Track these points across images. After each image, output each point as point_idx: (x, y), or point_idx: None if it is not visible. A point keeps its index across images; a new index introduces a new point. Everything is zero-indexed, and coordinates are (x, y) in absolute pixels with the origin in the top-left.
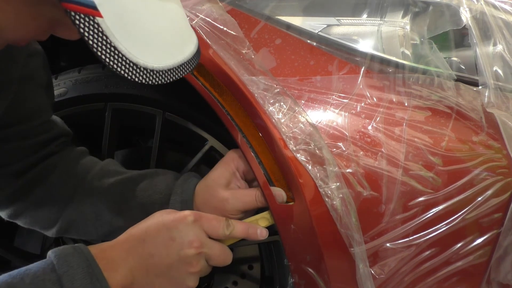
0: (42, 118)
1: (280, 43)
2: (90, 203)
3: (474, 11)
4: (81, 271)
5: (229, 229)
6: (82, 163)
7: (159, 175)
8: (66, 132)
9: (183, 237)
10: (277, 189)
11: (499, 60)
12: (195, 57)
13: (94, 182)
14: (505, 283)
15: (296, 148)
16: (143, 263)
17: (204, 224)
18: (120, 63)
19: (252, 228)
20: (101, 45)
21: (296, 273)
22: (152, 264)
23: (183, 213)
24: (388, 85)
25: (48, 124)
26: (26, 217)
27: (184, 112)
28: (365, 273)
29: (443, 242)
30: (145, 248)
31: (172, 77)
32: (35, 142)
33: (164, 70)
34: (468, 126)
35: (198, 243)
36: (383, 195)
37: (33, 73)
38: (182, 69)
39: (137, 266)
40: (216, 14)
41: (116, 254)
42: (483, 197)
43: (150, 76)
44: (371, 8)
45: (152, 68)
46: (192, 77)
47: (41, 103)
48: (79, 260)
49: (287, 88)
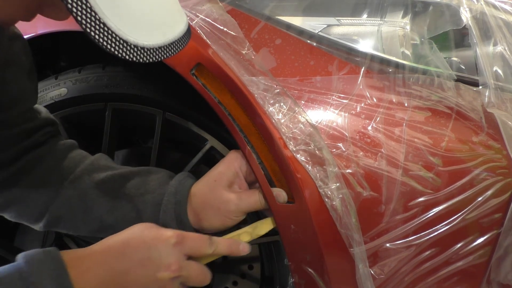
0: (26, 105)
1: (280, 43)
2: (79, 197)
3: (474, 11)
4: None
5: (212, 247)
6: (71, 156)
7: (151, 174)
8: (51, 121)
9: (162, 259)
10: (277, 190)
11: (499, 60)
12: (186, 37)
13: (83, 177)
14: (505, 283)
15: (296, 149)
16: (117, 279)
17: (188, 244)
18: (110, 40)
19: (234, 244)
20: (90, 21)
21: (296, 273)
22: (125, 281)
23: (165, 233)
24: (388, 86)
25: (32, 113)
26: (11, 211)
27: (184, 112)
28: (365, 273)
29: (443, 242)
30: (121, 264)
31: (162, 56)
32: (20, 130)
33: (155, 48)
34: (468, 126)
35: (176, 266)
36: (383, 196)
37: (15, 58)
38: (173, 47)
39: (110, 281)
40: (216, 14)
41: (89, 265)
42: (483, 197)
43: (140, 54)
44: (371, 8)
45: (142, 45)
46: (192, 77)
47: (24, 89)
48: (49, 269)
49: (287, 88)
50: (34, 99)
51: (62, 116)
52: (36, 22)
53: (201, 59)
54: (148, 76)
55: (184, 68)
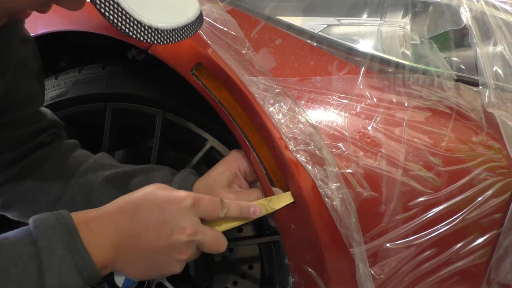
0: (33, 107)
1: (280, 43)
2: (83, 195)
3: (474, 11)
4: (61, 246)
5: (223, 210)
6: (74, 155)
7: (154, 171)
8: (57, 123)
9: (176, 222)
10: (277, 190)
11: (499, 60)
12: (198, 21)
13: (87, 175)
14: (505, 283)
15: (296, 149)
16: (130, 242)
17: (202, 207)
18: (125, 21)
19: (246, 207)
20: (104, 1)
21: (296, 272)
22: (139, 244)
23: (180, 194)
24: (388, 86)
25: (39, 114)
26: (15, 210)
27: (184, 112)
28: (365, 273)
29: (443, 242)
30: (134, 226)
31: (175, 38)
32: (26, 131)
33: (169, 30)
34: (468, 126)
35: (191, 229)
36: (383, 196)
37: (26, 61)
38: (186, 30)
39: (123, 245)
40: (216, 14)
41: (101, 228)
42: (483, 197)
43: (154, 35)
44: (371, 8)
45: (156, 27)
46: (193, 77)
47: (33, 92)
48: (60, 233)
49: (287, 88)
50: (41, 101)
51: (62, 116)
52: (37, 22)
53: (201, 59)
54: (148, 76)
55: (184, 68)
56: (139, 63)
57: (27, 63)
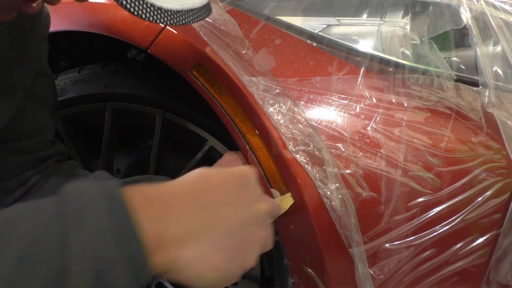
0: (42, 137)
1: (280, 43)
2: None
3: (474, 11)
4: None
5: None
6: (75, 173)
7: (152, 180)
8: (63, 151)
9: (254, 188)
10: (276, 192)
11: (499, 60)
12: (204, 9)
13: None
14: (504, 283)
15: (295, 149)
16: (207, 217)
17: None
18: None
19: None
20: None
21: (296, 273)
22: (218, 220)
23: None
24: (387, 86)
25: (46, 143)
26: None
27: (184, 112)
28: (364, 274)
29: (443, 242)
30: (208, 197)
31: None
32: (32, 158)
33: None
34: (468, 126)
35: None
36: (382, 196)
37: (40, 92)
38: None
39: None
40: (216, 14)
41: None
42: (482, 198)
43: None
44: (371, 8)
45: (160, 6)
46: (192, 77)
47: (44, 124)
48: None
49: (286, 88)
50: (51, 133)
51: (62, 116)
52: None
53: (200, 59)
54: (148, 76)
55: (184, 68)
56: (139, 63)
57: (41, 95)
